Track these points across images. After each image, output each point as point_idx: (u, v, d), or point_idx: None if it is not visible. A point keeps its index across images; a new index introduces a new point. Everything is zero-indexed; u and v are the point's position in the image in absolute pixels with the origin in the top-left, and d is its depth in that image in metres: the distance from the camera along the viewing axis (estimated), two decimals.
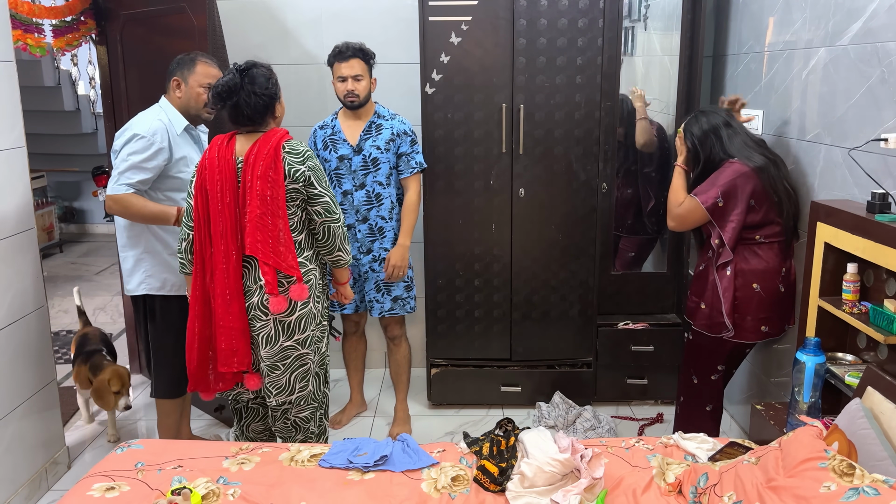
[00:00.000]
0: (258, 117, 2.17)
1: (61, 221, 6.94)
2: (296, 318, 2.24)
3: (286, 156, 2.14)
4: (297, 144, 2.19)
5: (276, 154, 2.13)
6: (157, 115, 2.51)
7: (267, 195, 2.12)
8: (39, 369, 2.70)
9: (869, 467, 1.58)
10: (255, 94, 2.13)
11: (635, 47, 3.38)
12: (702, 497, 1.78)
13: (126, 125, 2.50)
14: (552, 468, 1.90)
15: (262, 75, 2.16)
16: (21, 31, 3.01)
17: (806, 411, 1.94)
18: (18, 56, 2.66)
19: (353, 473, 2.00)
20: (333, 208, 2.21)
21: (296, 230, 2.20)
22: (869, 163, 2.05)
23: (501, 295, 3.20)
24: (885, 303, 1.89)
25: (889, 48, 1.99)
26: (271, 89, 2.17)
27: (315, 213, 2.20)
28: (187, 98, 2.55)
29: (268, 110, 2.18)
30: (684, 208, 2.43)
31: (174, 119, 2.53)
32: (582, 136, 3.04)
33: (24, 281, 2.61)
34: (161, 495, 1.86)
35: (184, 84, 2.54)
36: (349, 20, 3.42)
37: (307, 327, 2.27)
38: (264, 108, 2.16)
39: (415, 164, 2.91)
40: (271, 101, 2.18)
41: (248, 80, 2.13)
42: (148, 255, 2.56)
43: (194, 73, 2.53)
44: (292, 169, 2.14)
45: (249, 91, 2.12)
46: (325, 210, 2.20)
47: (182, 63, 2.55)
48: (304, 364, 2.31)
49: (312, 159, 2.18)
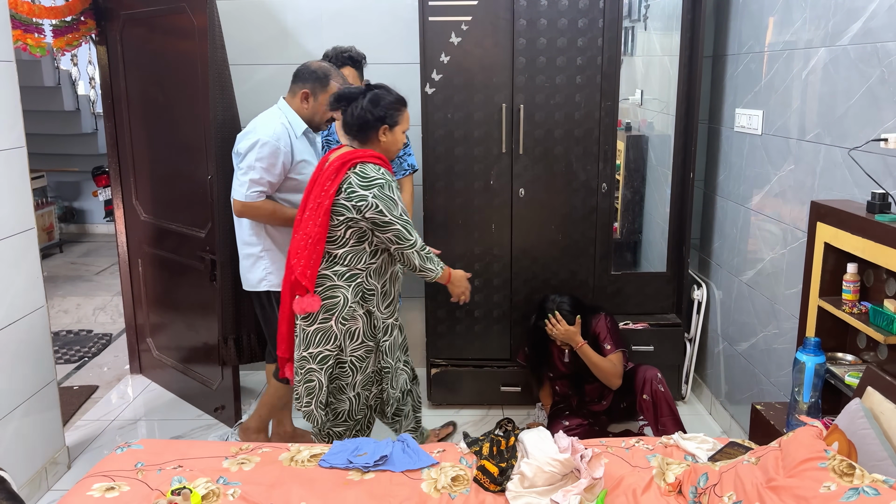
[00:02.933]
0: (358, 130, 2.29)
1: (61, 221, 6.94)
2: (313, 330, 2.30)
3: (351, 174, 2.22)
4: (372, 171, 2.22)
5: (342, 169, 2.22)
6: (279, 119, 2.52)
7: (318, 201, 2.24)
8: (39, 369, 2.70)
9: (869, 467, 1.58)
10: (365, 108, 2.25)
11: (635, 47, 3.38)
12: (702, 497, 1.78)
13: (249, 128, 2.53)
14: (552, 468, 1.90)
15: (380, 98, 2.27)
16: (21, 31, 3.01)
17: (806, 411, 1.94)
18: (18, 56, 2.66)
19: (353, 473, 2.00)
20: (406, 235, 2.26)
21: (336, 244, 2.27)
22: (869, 163, 2.05)
23: (501, 295, 3.20)
24: (885, 303, 1.89)
25: (889, 48, 1.99)
26: (380, 113, 2.26)
27: (387, 240, 2.27)
28: (313, 111, 2.57)
29: (369, 128, 2.27)
30: (618, 366, 2.74)
31: (294, 123, 2.54)
32: (582, 136, 3.04)
33: (24, 281, 2.61)
34: (161, 495, 1.86)
35: (313, 98, 2.55)
36: (349, 20, 3.42)
37: (321, 343, 2.31)
38: (366, 124, 2.27)
39: (407, 165, 3.00)
40: (376, 122, 2.27)
41: (367, 96, 2.27)
42: (267, 252, 2.61)
43: (326, 93, 2.53)
44: (350, 189, 2.20)
45: (362, 105, 2.25)
46: (396, 237, 2.26)
47: (316, 77, 2.54)
48: (310, 381, 2.34)
49: (383, 189, 2.21)
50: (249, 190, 2.46)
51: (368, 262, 2.31)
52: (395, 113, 2.30)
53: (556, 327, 2.74)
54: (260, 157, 2.45)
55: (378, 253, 2.32)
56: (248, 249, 2.64)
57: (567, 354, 2.86)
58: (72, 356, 4.10)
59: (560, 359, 2.88)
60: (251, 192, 2.46)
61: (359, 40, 3.38)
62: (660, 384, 2.67)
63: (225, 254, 2.87)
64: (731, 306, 3.07)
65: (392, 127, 2.31)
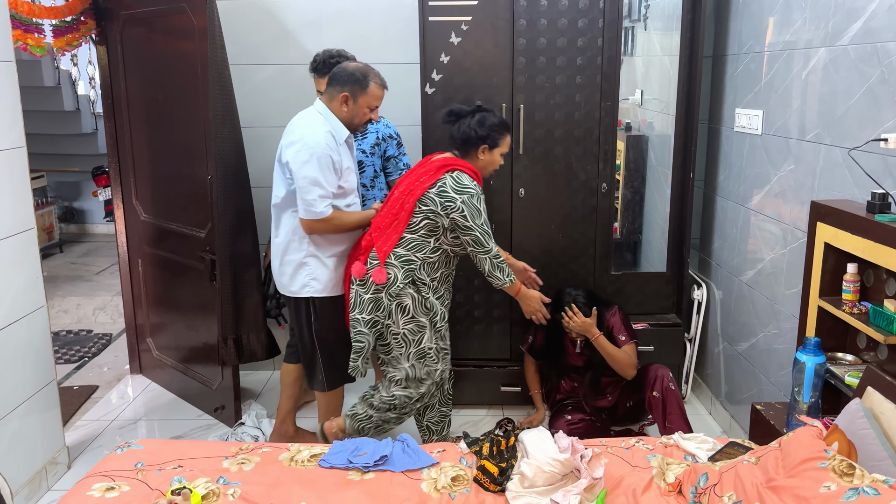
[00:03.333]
0: (461, 144, 2.53)
1: (61, 221, 6.94)
2: (367, 297, 2.51)
3: (448, 177, 2.46)
4: (466, 180, 2.46)
5: (438, 172, 2.46)
6: (323, 127, 2.49)
7: (408, 189, 2.48)
8: (39, 369, 2.70)
9: (869, 467, 1.58)
10: (471, 126, 2.50)
11: (635, 47, 3.38)
12: (702, 497, 1.78)
13: (296, 137, 2.47)
14: (552, 468, 1.90)
15: (486, 119, 2.51)
16: (21, 31, 3.01)
17: (806, 411, 1.94)
18: (18, 56, 2.66)
19: (353, 473, 2.00)
20: (484, 242, 2.48)
21: (409, 229, 2.49)
22: (869, 163, 2.05)
23: (501, 295, 3.19)
24: (885, 303, 1.89)
25: (889, 48, 1.99)
26: (484, 133, 2.50)
27: (465, 242, 2.50)
28: (352, 114, 2.54)
29: (471, 144, 2.52)
30: (633, 357, 2.78)
31: (337, 129, 2.53)
32: (582, 136, 3.04)
33: (24, 281, 2.61)
34: (161, 495, 1.86)
35: (352, 102, 2.52)
36: (349, 20, 3.42)
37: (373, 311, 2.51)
38: (469, 141, 2.51)
39: (402, 165, 3.02)
40: (477, 140, 2.51)
41: (476, 116, 2.52)
42: (311, 258, 2.59)
43: (366, 95, 2.52)
44: (443, 190, 2.44)
45: (469, 123, 2.50)
46: (474, 242, 2.48)
47: (354, 79, 2.51)
48: (359, 341, 2.54)
49: (472, 198, 2.44)
50: (322, 205, 2.47)
51: (427, 255, 2.51)
52: (497, 136, 2.53)
53: (573, 319, 2.76)
54: (322, 169, 2.44)
55: (440, 250, 2.53)
56: (290, 256, 2.61)
57: (580, 346, 2.87)
58: (72, 356, 4.10)
59: (574, 352, 2.90)
60: (325, 207, 2.48)
61: (359, 40, 3.38)
62: (671, 382, 2.68)
63: (225, 254, 2.87)
64: (731, 306, 3.07)
65: (492, 148, 2.53)
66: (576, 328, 2.77)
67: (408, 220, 2.47)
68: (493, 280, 2.57)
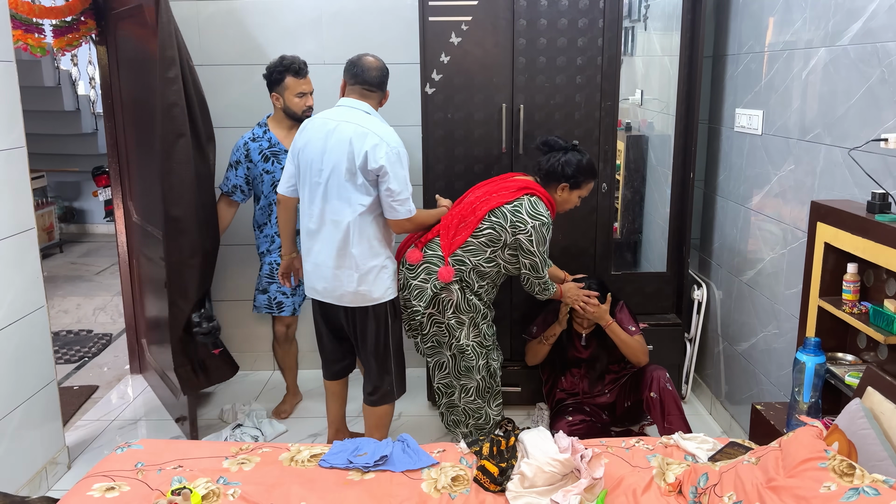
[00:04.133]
0: (545, 175, 2.61)
1: (61, 221, 6.94)
2: (413, 284, 2.60)
3: (525, 200, 2.53)
4: (542, 209, 2.53)
5: (519, 192, 2.54)
6: (388, 126, 2.46)
7: (486, 198, 2.56)
8: (39, 369, 2.70)
9: (869, 467, 1.58)
10: (561, 163, 2.57)
11: (635, 47, 3.39)
12: (702, 497, 1.78)
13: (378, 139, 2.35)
14: (552, 468, 1.90)
15: (577, 161, 2.58)
16: (21, 31, 3.01)
17: (806, 411, 1.94)
18: (18, 56, 2.65)
19: (353, 473, 2.00)
20: (539, 269, 2.59)
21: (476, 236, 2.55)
22: (869, 163, 2.05)
23: (501, 295, 3.20)
24: (885, 303, 1.89)
25: (889, 48, 1.99)
26: (569, 172, 2.57)
27: (523, 265, 2.59)
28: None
29: (553, 178, 2.60)
30: (644, 345, 2.81)
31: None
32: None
33: (24, 281, 2.61)
34: (161, 495, 1.86)
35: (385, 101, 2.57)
36: (349, 20, 3.42)
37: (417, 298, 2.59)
38: (553, 174, 2.59)
39: None
40: (562, 177, 2.58)
41: (569, 154, 2.59)
42: (389, 260, 2.54)
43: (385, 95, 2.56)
44: (517, 210, 2.51)
45: (559, 158, 2.58)
46: (531, 267, 2.58)
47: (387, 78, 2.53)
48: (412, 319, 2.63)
49: (543, 226, 2.51)
50: (412, 203, 2.46)
51: (480, 262, 2.57)
52: (581, 179, 2.60)
53: (589, 304, 2.75)
54: (406, 167, 2.42)
55: (493, 262, 2.59)
56: (372, 263, 2.47)
57: (585, 339, 2.89)
58: (72, 356, 4.10)
59: (579, 344, 2.90)
60: (413, 206, 2.47)
61: (359, 40, 3.39)
62: (668, 383, 2.69)
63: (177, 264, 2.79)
64: (731, 306, 3.07)
65: (572, 189, 2.61)
66: (590, 315, 2.77)
67: (476, 225, 2.53)
68: (539, 296, 2.71)
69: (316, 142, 2.42)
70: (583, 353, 2.91)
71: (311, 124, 2.48)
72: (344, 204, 2.40)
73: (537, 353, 2.97)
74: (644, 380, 2.74)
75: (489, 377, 2.74)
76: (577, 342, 2.92)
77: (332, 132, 2.39)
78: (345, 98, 2.49)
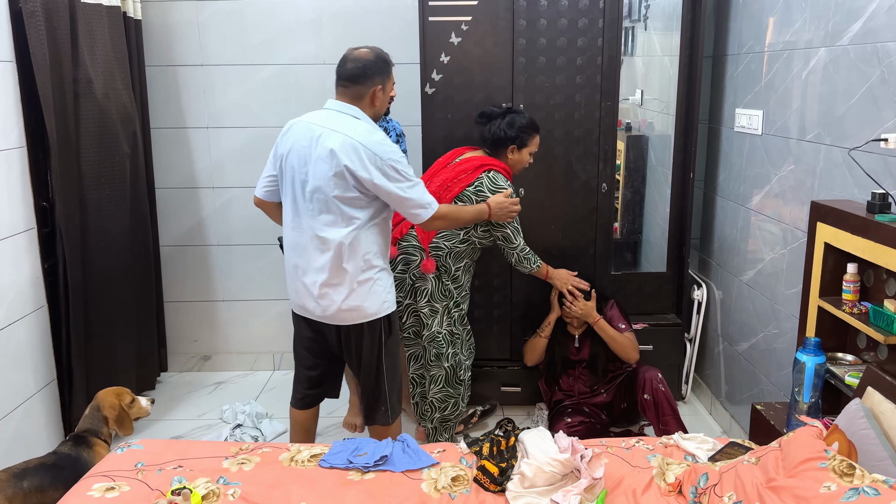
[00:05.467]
0: (491, 144, 2.66)
1: None
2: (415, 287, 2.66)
3: (485, 177, 2.59)
4: (502, 181, 2.59)
5: (476, 171, 2.58)
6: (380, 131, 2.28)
7: (447, 184, 2.59)
8: (39, 369, 2.70)
9: (869, 467, 1.58)
10: (502, 128, 2.61)
11: (635, 47, 3.38)
12: (702, 497, 1.78)
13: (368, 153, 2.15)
14: (552, 468, 1.90)
15: (516, 121, 2.62)
16: None
17: (806, 411, 1.94)
18: None
19: (353, 473, 2.00)
20: (513, 238, 2.65)
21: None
22: (869, 163, 2.05)
23: (501, 295, 3.20)
24: (885, 303, 1.89)
25: (889, 48, 1.99)
26: (513, 134, 2.61)
27: (496, 237, 2.66)
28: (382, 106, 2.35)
29: (501, 145, 2.64)
30: (635, 341, 2.86)
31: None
32: (582, 136, 3.04)
33: (24, 281, 2.61)
34: (161, 495, 1.86)
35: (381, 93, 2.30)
36: (349, 20, 3.42)
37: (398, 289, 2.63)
38: (499, 141, 2.64)
39: None
40: (507, 140, 2.62)
41: (506, 118, 2.63)
42: (383, 272, 2.32)
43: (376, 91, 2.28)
44: (480, 189, 2.57)
45: (499, 124, 2.62)
46: (504, 238, 2.65)
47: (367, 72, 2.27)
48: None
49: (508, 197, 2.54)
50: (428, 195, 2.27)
51: (455, 245, 2.63)
52: (526, 136, 2.64)
53: (574, 303, 2.80)
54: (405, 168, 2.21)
55: (468, 241, 2.64)
56: (363, 276, 2.26)
57: (578, 340, 2.90)
58: None
59: (573, 346, 2.91)
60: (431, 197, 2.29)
61: (359, 40, 3.37)
62: (660, 384, 2.68)
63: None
64: (731, 306, 3.07)
65: (521, 148, 2.65)
66: (576, 313, 2.80)
67: None
68: (521, 269, 2.75)
69: (300, 150, 2.21)
70: (577, 353, 2.92)
71: (296, 128, 2.26)
72: (335, 219, 2.20)
73: (535, 347, 2.97)
74: (637, 382, 2.74)
75: (456, 367, 2.77)
76: (570, 343, 2.92)
77: (316, 141, 2.18)
78: (331, 100, 2.28)
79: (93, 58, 2.87)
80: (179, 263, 3.70)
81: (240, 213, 3.65)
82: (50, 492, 2.07)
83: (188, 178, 3.61)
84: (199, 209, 3.66)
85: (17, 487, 2.03)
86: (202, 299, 3.76)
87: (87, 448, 2.25)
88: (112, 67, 3.01)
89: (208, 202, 3.65)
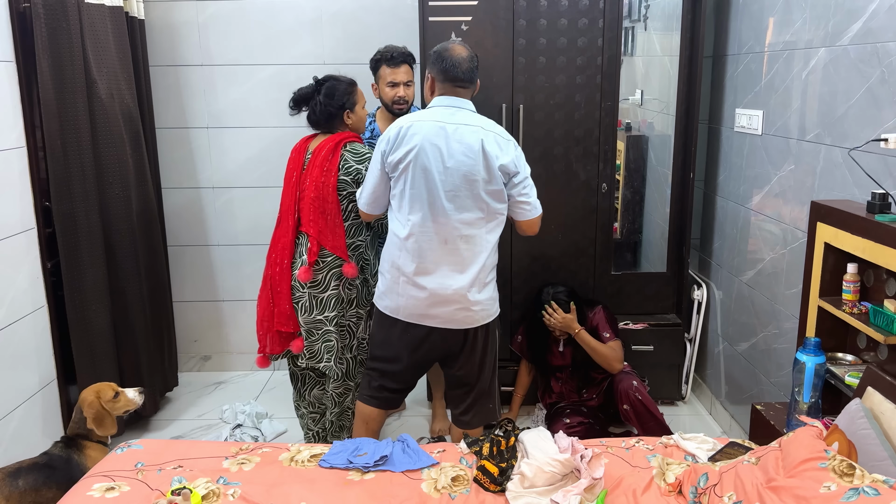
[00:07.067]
0: (326, 122, 2.52)
1: None
2: (327, 296, 2.50)
3: (345, 153, 2.46)
4: (360, 147, 2.50)
5: (336, 149, 2.46)
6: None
7: (321, 182, 2.44)
8: (39, 369, 2.70)
9: (869, 467, 1.58)
10: (324, 103, 2.48)
11: (635, 47, 3.38)
12: (702, 497, 1.78)
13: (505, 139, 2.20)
14: (552, 468, 1.90)
15: (333, 89, 2.49)
16: None
17: (806, 411, 1.94)
18: None
19: (353, 473, 2.00)
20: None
21: (346, 217, 2.49)
22: (869, 163, 2.05)
23: (501, 295, 3.18)
24: (885, 303, 1.89)
25: (889, 48, 1.99)
26: (339, 102, 2.49)
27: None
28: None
29: (334, 117, 2.51)
30: (618, 351, 2.81)
31: None
32: (582, 136, 3.04)
33: (24, 281, 2.61)
34: (161, 495, 1.86)
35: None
36: (349, 20, 3.43)
37: (335, 307, 2.51)
38: (331, 116, 2.50)
39: None
40: (339, 110, 2.50)
41: (322, 91, 2.49)
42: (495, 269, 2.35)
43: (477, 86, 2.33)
44: (347, 165, 2.45)
45: (320, 101, 2.48)
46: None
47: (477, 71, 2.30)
48: (328, 340, 2.52)
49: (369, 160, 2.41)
50: None
51: (365, 235, 2.57)
52: (349, 98, 2.51)
53: (553, 316, 2.79)
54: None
55: (371, 225, 2.59)
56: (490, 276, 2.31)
57: (563, 344, 2.90)
58: None
59: (557, 351, 2.91)
60: None
61: (359, 40, 3.39)
62: (636, 392, 2.69)
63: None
64: (731, 306, 3.07)
65: (353, 109, 2.53)
66: (557, 324, 2.80)
67: (337, 209, 2.45)
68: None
69: (432, 149, 2.14)
70: (560, 359, 2.93)
71: (422, 129, 2.16)
72: (478, 215, 2.18)
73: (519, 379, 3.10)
74: (615, 393, 2.75)
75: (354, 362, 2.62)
76: (554, 349, 2.92)
77: (450, 136, 2.14)
78: (443, 97, 2.22)
79: (96, 58, 2.86)
80: (180, 263, 3.70)
81: (240, 213, 3.65)
82: (44, 491, 2.12)
83: (189, 178, 3.61)
84: (199, 209, 3.66)
85: (13, 486, 2.08)
86: (202, 299, 3.76)
87: (77, 451, 2.28)
88: (115, 67, 3.00)
89: (209, 202, 3.65)
